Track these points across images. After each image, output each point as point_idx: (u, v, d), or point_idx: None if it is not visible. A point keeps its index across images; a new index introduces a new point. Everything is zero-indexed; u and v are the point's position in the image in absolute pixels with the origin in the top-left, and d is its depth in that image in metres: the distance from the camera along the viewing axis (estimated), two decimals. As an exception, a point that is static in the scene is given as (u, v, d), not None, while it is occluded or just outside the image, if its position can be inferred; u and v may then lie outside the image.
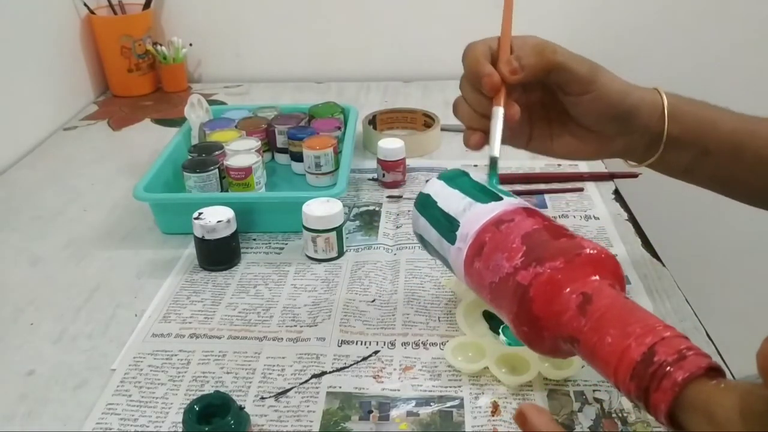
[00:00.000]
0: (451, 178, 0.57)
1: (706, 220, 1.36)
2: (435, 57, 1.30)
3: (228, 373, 0.60)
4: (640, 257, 0.75)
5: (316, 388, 0.58)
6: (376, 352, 0.62)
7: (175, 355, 0.62)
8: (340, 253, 0.76)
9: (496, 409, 0.55)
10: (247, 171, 0.83)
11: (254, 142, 0.89)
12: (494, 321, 0.64)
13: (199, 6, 1.31)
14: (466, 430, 0.54)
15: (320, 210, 0.74)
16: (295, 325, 0.66)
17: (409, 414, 0.55)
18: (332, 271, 0.74)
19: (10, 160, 1.03)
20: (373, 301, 0.69)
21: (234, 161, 0.84)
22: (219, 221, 0.72)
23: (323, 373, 0.60)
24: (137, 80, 1.27)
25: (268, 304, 0.69)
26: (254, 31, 1.33)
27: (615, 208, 0.86)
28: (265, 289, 0.72)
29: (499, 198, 0.53)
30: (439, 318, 0.66)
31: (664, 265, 0.74)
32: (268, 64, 1.35)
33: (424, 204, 0.57)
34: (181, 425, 0.50)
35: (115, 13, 1.26)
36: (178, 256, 0.77)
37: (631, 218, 0.83)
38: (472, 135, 0.57)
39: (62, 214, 0.88)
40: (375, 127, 1.06)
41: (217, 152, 0.86)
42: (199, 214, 0.73)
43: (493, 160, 0.55)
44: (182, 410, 0.51)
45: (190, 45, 1.30)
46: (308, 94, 1.25)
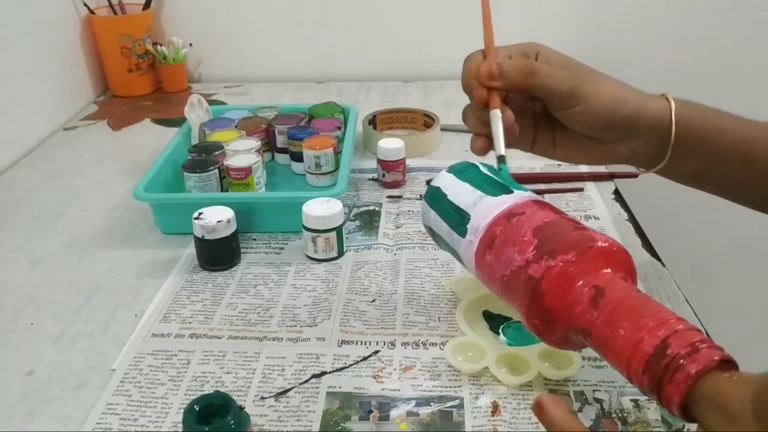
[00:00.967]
0: (461, 171, 0.57)
1: (706, 221, 1.35)
2: (435, 57, 1.30)
3: (228, 373, 0.60)
4: (640, 257, 0.75)
5: (316, 388, 0.58)
6: (376, 352, 0.62)
7: (175, 355, 0.62)
8: (340, 253, 0.76)
9: (496, 409, 0.55)
10: (247, 171, 0.83)
11: (254, 142, 0.89)
12: (494, 321, 0.64)
13: (199, 6, 1.31)
14: (466, 430, 0.54)
15: (320, 210, 0.74)
16: (295, 325, 0.66)
17: (409, 414, 0.55)
18: (332, 271, 0.74)
19: (10, 160, 1.03)
20: (373, 301, 0.69)
21: (234, 161, 0.84)
22: (219, 221, 0.72)
23: (323, 373, 0.60)
24: (137, 80, 1.27)
25: (268, 304, 0.69)
26: (254, 31, 1.33)
27: (615, 208, 0.86)
28: (265, 289, 0.72)
29: (510, 191, 0.53)
30: (439, 318, 0.66)
31: (664, 265, 0.74)
32: (268, 64, 1.35)
33: (434, 197, 0.57)
34: (181, 425, 0.50)
35: (115, 13, 1.26)
36: (178, 256, 0.77)
37: (631, 218, 0.83)
38: (476, 140, 0.58)
39: (62, 214, 0.88)
40: (375, 127, 1.06)
41: (217, 152, 0.86)
42: (199, 214, 0.73)
43: (501, 158, 0.56)
44: (182, 410, 0.51)
45: (190, 45, 1.30)
46: (308, 94, 1.25)
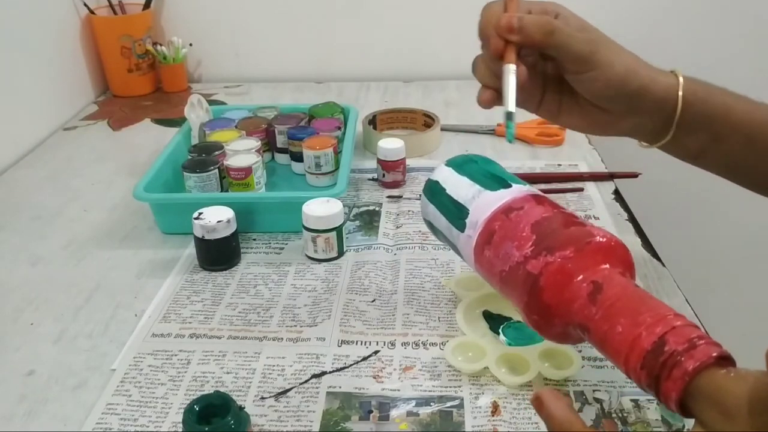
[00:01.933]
0: (460, 165, 0.56)
1: (706, 220, 1.36)
2: (435, 57, 1.31)
3: (228, 373, 0.60)
4: (640, 257, 0.75)
5: (316, 388, 0.58)
6: (376, 352, 0.62)
7: (175, 355, 0.62)
8: (340, 253, 0.76)
9: (496, 409, 0.55)
10: (247, 171, 0.83)
11: (254, 142, 0.89)
12: (494, 321, 0.64)
13: (199, 6, 1.31)
14: (466, 430, 0.54)
15: (320, 210, 0.74)
16: (295, 325, 0.66)
17: (409, 414, 0.55)
18: (332, 271, 0.74)
19: (10, 160, 1.03)
20: (373, 301, 0.69)
21: (234, 161, 0.84)
22: (219, 221, 0.72)
23: (323, 373, 0.60)
24: (137, 80, 1.27)
25: (268, 304, 0.69)
26: (254, 31, 1.33)
27: (615, 208, 0.86)
28: (265, 289, 0.72)
29: (509, 185, 0.53)
30: (439, 318, 0.66)
31: (664, 265, 0.74)
32: (268, 64, 1.35)
33: (433, 191, 0.57)
34: (181, 425, 0.50)
35: (115, 13, 1.26)
36: (178, 256, 0.77)
37: (631, 218, 0.83)
38: (484, 92, 0.58)
39: (62, 214, 0.88)
40: (375, 127, 1.06)
41: (217, 152, 0.86)
42: (199, 214, 0.73)
43: (509, 115, 0.55)
44: (182, 410, 0.51)
45: (190, 45, 1.30)
46: (308, 94, 1.25)
